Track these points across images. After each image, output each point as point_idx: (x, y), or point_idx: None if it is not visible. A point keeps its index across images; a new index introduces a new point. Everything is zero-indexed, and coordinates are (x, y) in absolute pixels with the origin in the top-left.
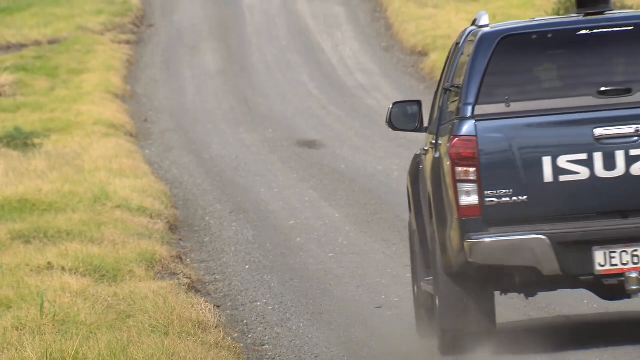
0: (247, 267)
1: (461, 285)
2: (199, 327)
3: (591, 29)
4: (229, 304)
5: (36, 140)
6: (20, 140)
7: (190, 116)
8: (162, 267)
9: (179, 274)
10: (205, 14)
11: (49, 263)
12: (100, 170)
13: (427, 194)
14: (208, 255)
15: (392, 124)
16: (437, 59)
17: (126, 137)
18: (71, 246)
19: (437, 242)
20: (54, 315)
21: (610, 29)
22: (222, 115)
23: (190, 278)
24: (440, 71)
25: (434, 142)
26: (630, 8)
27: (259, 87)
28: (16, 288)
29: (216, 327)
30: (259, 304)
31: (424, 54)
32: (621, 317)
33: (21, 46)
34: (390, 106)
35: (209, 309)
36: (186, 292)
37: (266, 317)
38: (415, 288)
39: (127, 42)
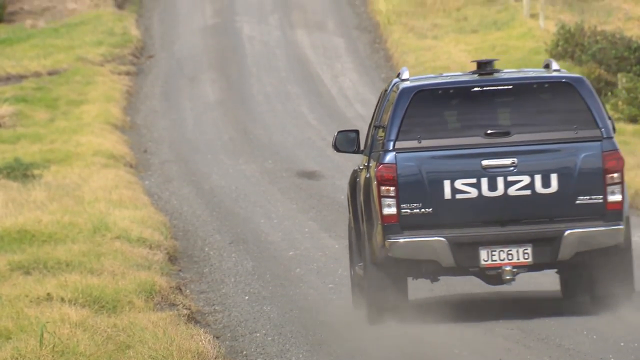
0: (246, 297)
1: (383, 272)
2: (198, 358)
3: (482, 86)
4: (229, 334)
5: (36, 171)
6: (20, 171)
7: (189, 147)
8: (162, 297)
9: (178, 305)
10: (205, 45)
11: (48, 294)
12: (99, 201)
13: (360, 202)
14: (207, 286)
15: (336, 147)
16: None
17: (126, 168)
18: (70, 277)
19: (366, 239)
20: (54, 346)
21: (495, 87)
22: (222, 146)
23: (189, 309)
24: None
25: (366, 163)
26: (630, 38)
27: (258, 117)
28: (15, 319)
29: (215, 358)
30: (258, 334)
31: None
32: (504, 296)
33: (21, 77)
34: (335, 133)
35: (209, 339)
36: (185, 323)
37: (266, 348)
38: (351, 271)
39: (127, 73)
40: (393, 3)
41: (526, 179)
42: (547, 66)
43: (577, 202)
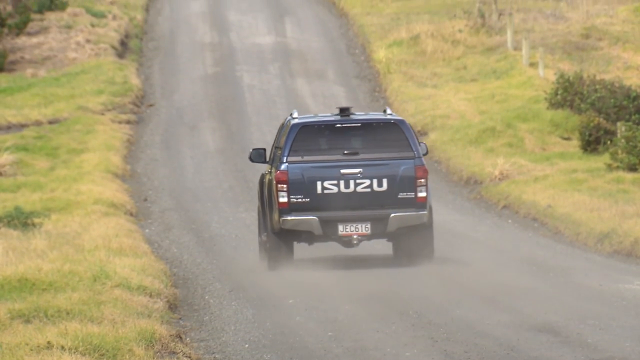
0: (246, 346)
1: (278, 238)
2: None
3: (342, 124)
4: None
5: (36, 220)
6: (21, 220)
7: (190, 195)
8: (162, 346)
9: (178, 353)
10: (205, 94)
11: (48, 342)
12: (100, 249)
13: (265, 194)
14: (208, 334)
15: (251, 159)
16: (436, 138)
17: (126, 217)
18: (71, 325)
19: (269, 217)
20: None
21: (349, 124)
22: (222, 194)
23: (189, 357)
24: (439, 150)
25: (270, 170)
26: (629, 87)
27: (258, 166)
28: None
29: None
30: None
31: (423, 133)
32: (356, 256)
33: (22, 126)
34: (251, 150)
35: None
36: None
37: None
38: (259, 238)
39: (128, 122)
40: (393, 52)
41: (368, 182)
42: (384, 111)
43: (399, 196)
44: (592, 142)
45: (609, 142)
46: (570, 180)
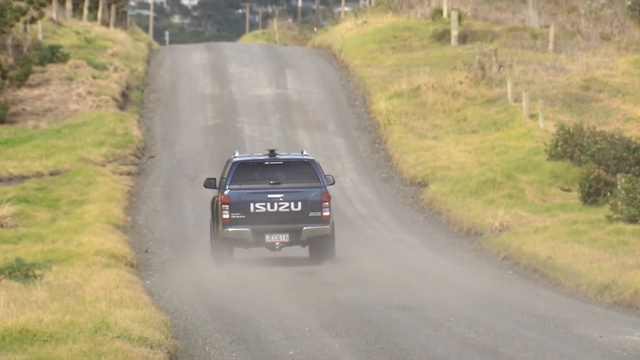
0: None
1: (222, 243)
2: None
3: (269, 162)
4: None
5: (37, 272)
6: (22, 272)
7: (190, 247)
8: None
9: None
10: (206, 145)
11: None
12: (100, 300)
13: (214, 211)
14: None
15: (205, 186)
16: (437, 190)
17: (127, 268)
18: None
19: (216, 228)
20: None
21: (275, 162)
22: None
23: None
24: (440, 201)
25: (218, 194)
26: (629, 139)
27: None
28: None
29: None
30: None
31: (423, 184)
32: (286, 254)
33: (23, 178)
34: (205, 179)
35: None
36: None
37: None
38: (211, 243)
39: (129, 173)
40: (393, 103)
41: (287, 204)
42: (302, 152)
43: (309, 215)
44: (592, 194)
45: (609, 193)
46: (570, 232)
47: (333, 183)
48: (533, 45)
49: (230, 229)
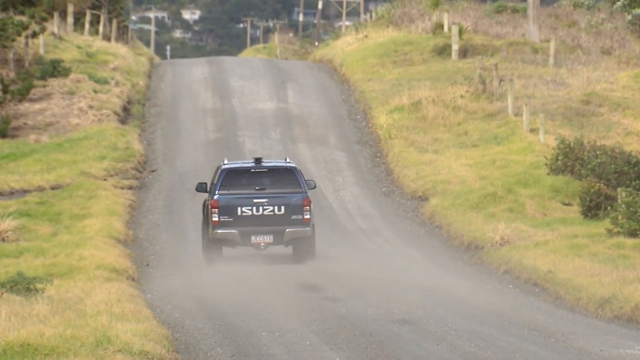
0: None
1: (212, 244)
2: None
3: (255, 169)
4: None
5: (38, 285)
6: (23, 285)
7: (192, 260)
8: None
9: None
10: (207, 159)
11: None
12: (102, 314)
13: (205, 214)
14: None
15: (197, 190)
16: (437, 204)
17: (128, 282)
18: None
19: (207, 230)
20: None
21: (260, 170)
22: (224, 259)
23: None
24: (440, 215)
25: (208, 198)
26: (629, 153)
27: None
28: None
29: None
30: None
31: (424, 198)
32: (271, 252)
33: (24, 192)
34: (196, 184)
35: None
36: None
37: None
38: (202, 243)
39: (130, 187)
40: (394, 118)
41: (271, 208)
42: (285, 159)
43: (292, 218)
44: (592, 208)
45: (609, 207)
46: (571, 246)
47: (314, 187)
48: (534, 60)
49: (219, 231)
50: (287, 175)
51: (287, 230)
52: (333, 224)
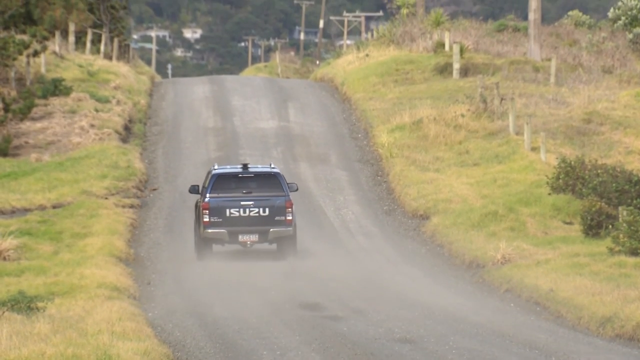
0: None
1: (203, 242)
2: None
3: (242, 174)
4: None
5: (40, 304)
6: (24, 304)
7: (193, 279)
8: None
9: None
10: None
11: None
12: (103, 333)
13: (197, 214)
14: None
15: (190, 191)
16: (439, 222)
17: (129, 300)
18: None
19: (198, 229)
20: None
21: (247, 175)
22: (225, 278)
23: None
24: (442, 234)
25: (200, 200)
26: (630, 172)
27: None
28: None
29: None
30: None
31: (425, 217)
32: (255, 252)
33: (26, 210)
34: (189, 187)
35: None
36: None
37: None
38: (194, 241)
39: (131, 206)
40: (395, 136)
41: (257, 209)
42: (270, 164)
43: (275, 219)
44: (594, 227)
45: (610, 226)
46: (572, 264)
47: (296, 190)
48: (535, 78)
49: (209, 230)
50: (271, 180)
51: (271, 230)
52: (334, 242)
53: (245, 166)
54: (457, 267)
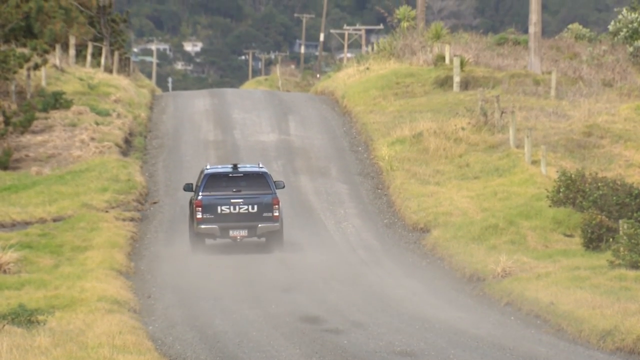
0: None
1: (196, 236)
2: None
3: (232, 174)
4: None
5: (40, 317)
6: (25, 317)
7: (193, 292)
8: None
9: None
10: None
11: None
12: (103, 346)
13: (191, 211)
14: None
15: (185, 189)
16: (439, 236)
17: (130, 314)
18: None
19: (192, 225)
20: None
21: (237, 174)
22: (226, 291)
23: None
24: (442, 247)
25: (193, 197)
26: (631, 185)
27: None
28: None
29: None
30: None
31: (425, 230)
32: (243, 246)
33: (26, 224)
34: (184, 185)
35: None
36: None
37: None
38: (189, 235)
39: (132, 219)
40: (396, 149)
41: (246, 207)
42: (258, 164)
43: (263, 215)
44: (594, 240)
45: (611, 239)
46: (572, 278)
47: (283, 187)
48: (535, 92)
49: (202, 226)
50: (259, 179)
51: (260, 225)
52: (335, 255)
53: (235, 166)
54: (457, 280)
